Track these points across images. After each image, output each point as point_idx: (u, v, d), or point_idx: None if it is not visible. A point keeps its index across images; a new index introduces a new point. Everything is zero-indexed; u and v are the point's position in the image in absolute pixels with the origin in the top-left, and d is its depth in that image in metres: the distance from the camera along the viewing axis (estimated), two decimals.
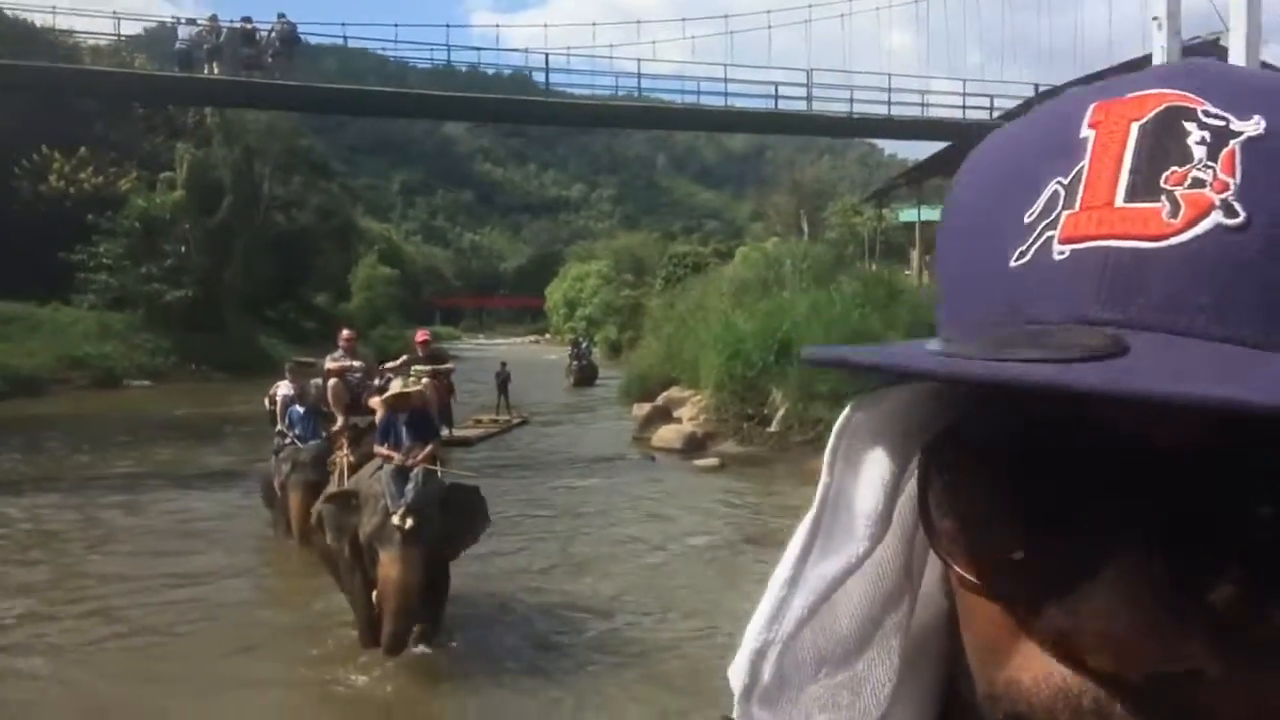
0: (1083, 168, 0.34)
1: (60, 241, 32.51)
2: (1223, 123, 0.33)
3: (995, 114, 22.14)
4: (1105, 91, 0.36)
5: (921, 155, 29.86)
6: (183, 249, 34.35)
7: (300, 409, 9.55)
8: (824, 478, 0.39)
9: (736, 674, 0.40)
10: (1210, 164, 0.32)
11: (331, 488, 7.00)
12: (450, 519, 6.26)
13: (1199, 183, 0.32)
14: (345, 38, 28.40)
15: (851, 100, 22.01)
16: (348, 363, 8.53)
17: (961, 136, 22.95)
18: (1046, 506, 0.33)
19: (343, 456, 7.04)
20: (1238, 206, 0.32)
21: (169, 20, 37.73)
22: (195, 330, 33.31)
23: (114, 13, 37.25)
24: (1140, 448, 0.31)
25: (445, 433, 7.30)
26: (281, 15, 22.86)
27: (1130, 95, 0.35)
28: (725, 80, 24.32)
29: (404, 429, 6.54)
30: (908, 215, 32.79)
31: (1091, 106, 0.35)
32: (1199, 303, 0.31)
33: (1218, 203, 0.32)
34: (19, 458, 14.70)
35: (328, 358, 9.12)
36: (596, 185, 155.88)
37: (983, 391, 0.33)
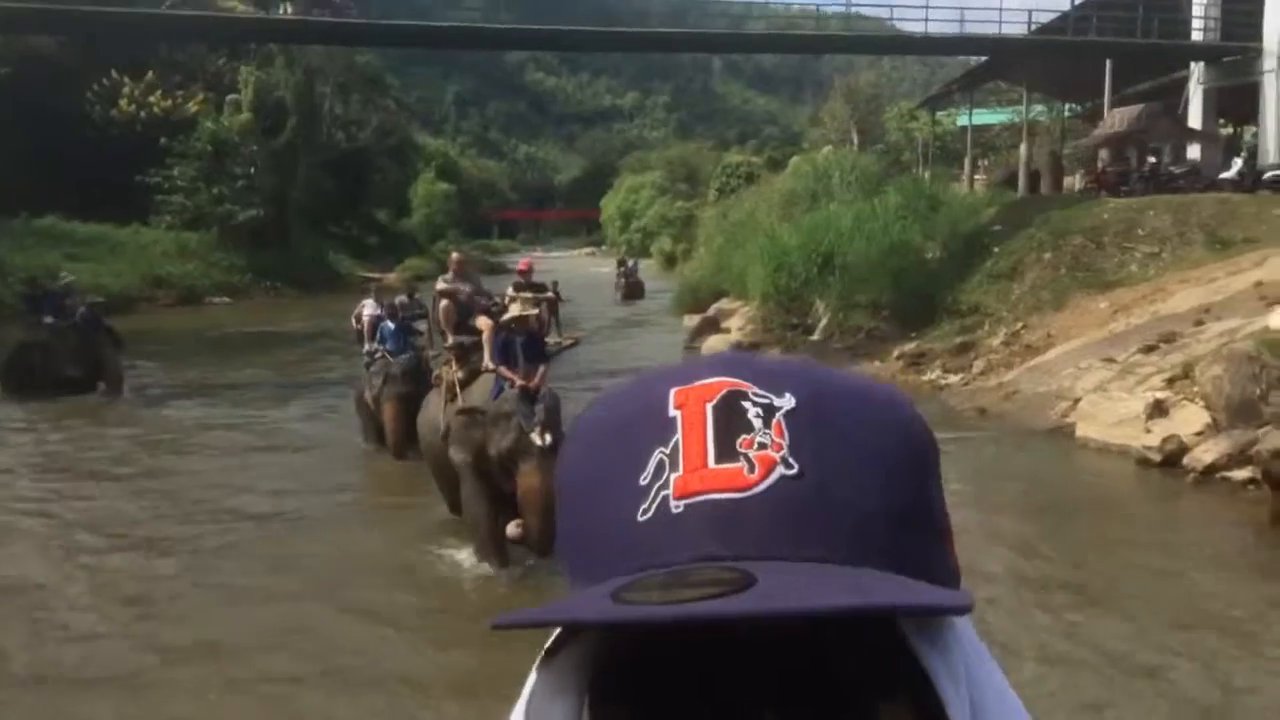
0: (678, 440, 0.44)
1: (135, 164, 33.81)
2: (767, 400, 0.45)
3: (1032, 28, 22.10)
4: (680, 379, 0.46)
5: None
6: (251, 170, 35.51)
7: (391, 325, 9.82)
8: None
9: None
10: (767, 431, 0.44)
11: (433, 400, 7.43)
12: None
13: (763, 445, 0.43)
14: None
15: (891, 17, 22.12)
16: (458, 286, 8.75)
17: (998, 51, 22.92)
18: (690, 709, 0.43)
19: (451, 372, 7.38)
20: (792, 460, 0.43)
21: None
22: (266, 248, 34.72)
23: None
24: (758, 647, 0.41)
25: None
26: None
27: (699, 382, 0.46)
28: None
29: (520, 350, 6.81)
30: (965, 120, 32.56)
31: (673, 391, 0.46)
32: (783, 535, 0.42)
33: (779, 459, 0.43)
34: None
35: (439, 279, 9.32)
36: (650, 93, 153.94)
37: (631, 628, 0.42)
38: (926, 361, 13.82)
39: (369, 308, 10.82)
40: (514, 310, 7.35)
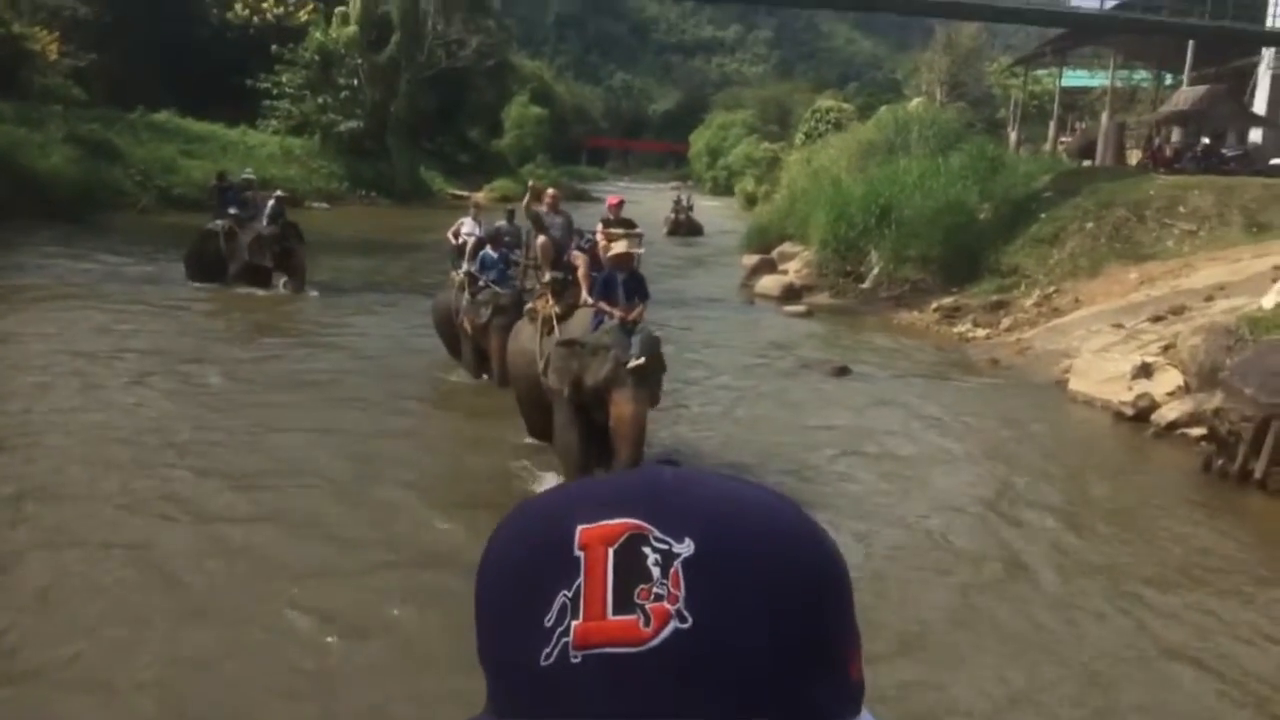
0: (580, 584, 0.45)
1: (246, 68, 35.57)
2: (666, 546, 0.45)
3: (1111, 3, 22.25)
4: (585, 515, 0.47)
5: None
6: (354, 82, 37.16)
7: (494, 253, 9.74)
8: None
9: None
10: (664, 581, 0.44)
11: (525, 330, 7.75)
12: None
13: (659, 597, 0.44)
14: None
15: None
16: (553, 220, 8.72)
17: (1074, 24, 23.06)
18: None
19: (548, 307, 7.54)
20: (686, 613, 0.44)
21: None
22: (364, 158, 36.45)
23: None
24: None
25: None
26: None
27: (603, 523, 0.46)
28: None
29: (621, 287, 7.00)
30: (1068, 80, 32.26)
31: (579, 530, 0.46)
32: (672, 695, 0.43)
33: (673, 612, 0.44)
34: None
35: (526, 205, 9.05)
36: (753, 27, 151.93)
37: None
38: (961, 315, 14.80)
39: (468, 225, 10.95)
40: (618, 248, 7.32)
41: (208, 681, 4.34)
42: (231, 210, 14.53)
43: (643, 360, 6.48)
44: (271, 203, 14.54)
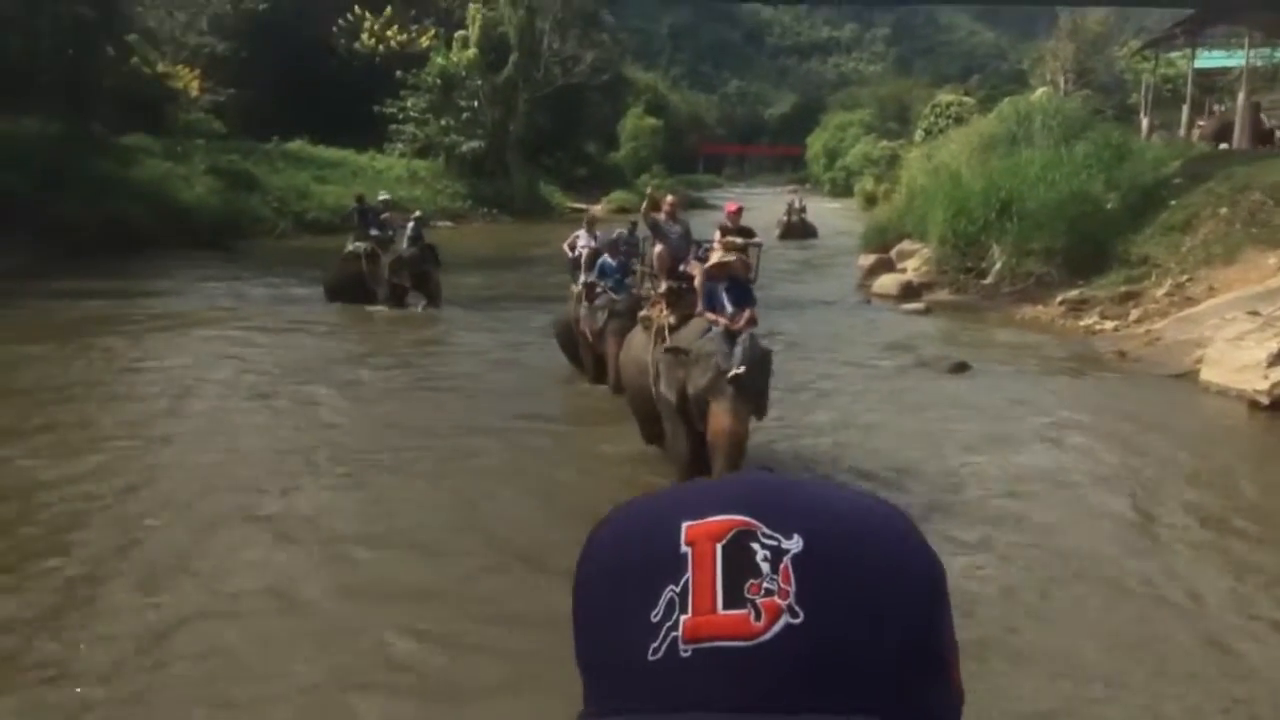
0: (688, 579, 0.45)
1: (373, 95, 37.12)
2: (775, 542, 0.46)
3: None
4: (691, 511, 0.48)
5: None
6: (475, 103, 38.29)
7: (613, 262, 9.89)
8: None
9: None
10: (774, 576, 0.45)
11: (638, 338, 7.77)
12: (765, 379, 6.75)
13: (770, 592, 0.44)
14: None
15: None
16: (671, 228, 8.55)
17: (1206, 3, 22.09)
18: None
19: (664, 316, 7.46)
20: (798, 609, 0.44)
21: None
22: (485, 177, 37.51)
23: None
24: None
25: None
26: None
27: (710, 519, 0.47)
28: None
29: (724, 295, 6.89)
30: (1203, 62, 30.87)
31: (684, 526, 0.47)
32: (786, 688, 0.44)
33: (784, 607, 0.44)
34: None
35: (645, 216, 9.00)
36: (870, 25, 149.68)
37: None
38: (1088, 308, 14.37)
39: (583, 238, 11.07)
40: (715, 257, 7.21)
41: (308, 699, 4.33)
42: (373, 232, 15.01)
43: (742, 369, 6.28)
44: (411, 224, 14.96)
